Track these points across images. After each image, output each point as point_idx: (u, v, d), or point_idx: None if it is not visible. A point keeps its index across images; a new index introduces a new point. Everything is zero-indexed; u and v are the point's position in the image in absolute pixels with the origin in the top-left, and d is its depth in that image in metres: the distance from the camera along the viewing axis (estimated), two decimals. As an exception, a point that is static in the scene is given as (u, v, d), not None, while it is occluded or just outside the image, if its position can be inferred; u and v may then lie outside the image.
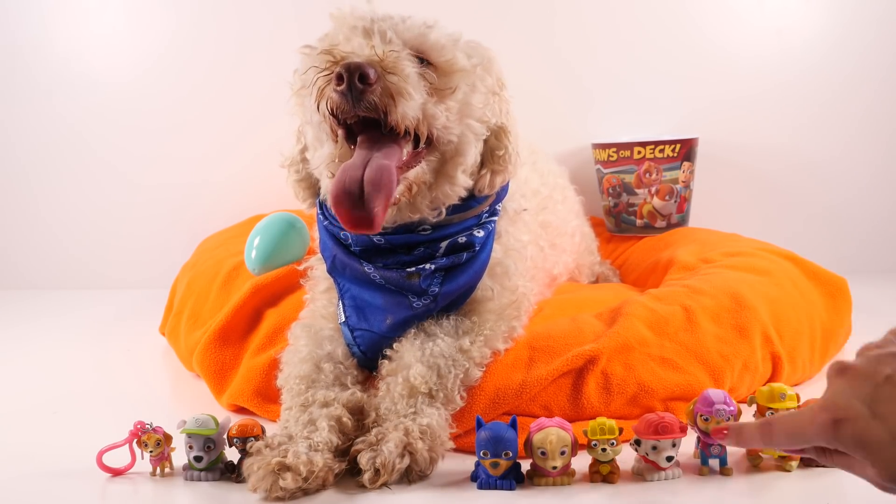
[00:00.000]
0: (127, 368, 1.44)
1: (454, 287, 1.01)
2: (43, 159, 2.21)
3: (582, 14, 2.12)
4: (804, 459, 0.90)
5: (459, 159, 0.99)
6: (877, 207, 2.20)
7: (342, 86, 0.84)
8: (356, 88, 0.84)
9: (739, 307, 1.14)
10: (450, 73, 0.95)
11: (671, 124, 2.10)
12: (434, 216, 1.00)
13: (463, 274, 1.02)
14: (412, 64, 0.90)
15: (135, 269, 2.23)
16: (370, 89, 0.85)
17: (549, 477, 0.86)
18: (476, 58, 1.00)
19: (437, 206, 1.00)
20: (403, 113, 0.88)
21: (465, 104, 0.97)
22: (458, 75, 0.96)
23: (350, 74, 0.84)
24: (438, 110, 0.93)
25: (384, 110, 0.87)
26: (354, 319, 1.03)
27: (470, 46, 1.01)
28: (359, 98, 0.85)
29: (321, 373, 0.99)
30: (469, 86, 0.98)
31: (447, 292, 1.01)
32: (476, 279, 1.04)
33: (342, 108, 0.87)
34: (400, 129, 0.90)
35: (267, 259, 1.31)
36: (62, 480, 0.91)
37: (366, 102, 0.86)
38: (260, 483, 0.82)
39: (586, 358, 1.02)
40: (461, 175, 1.00)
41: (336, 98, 0.86)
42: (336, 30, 0.95)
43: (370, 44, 0.89)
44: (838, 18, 2.12)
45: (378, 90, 0.85)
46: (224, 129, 2.17)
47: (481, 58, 1.01)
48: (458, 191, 1.01)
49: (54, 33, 2.16)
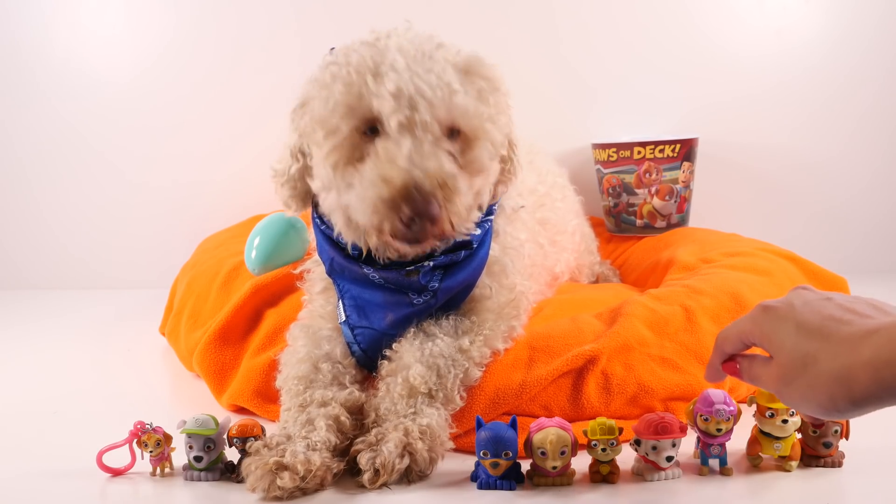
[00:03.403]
0: (127, 368, 1.44)
1: (454, 283, 1.01)
2: (43, 159, 2.21)
3: (582, 14, 2.12)
4: (803, 459, 0.90)
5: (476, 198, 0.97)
6: (877, 207, 2.20)
7: (413, 226, 0.85)
8: (425, 228, 0.86)
9: (739, 307, 1.14)
10: (474, 139, 0.93)
11: (671, 124, 2.10)
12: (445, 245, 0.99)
13: (462, 271, 1.02)
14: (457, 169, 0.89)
15: (135, 269, 2.23)
16: (436, 225, 0.86)
17: (549, 477, 0.86)
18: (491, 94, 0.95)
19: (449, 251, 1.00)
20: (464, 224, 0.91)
21: (489, 170, 0.97)
22: (481, 143, 0.94)
23: (421, 220, 0.84)
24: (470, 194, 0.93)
25: (442, 232, 0.89)
26: (355, 318, 1.03)
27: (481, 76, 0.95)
28: (424, 231, 0.87)
29: (319, 373, 0.99)
30: (490, 152, 0.95)
31: (447, 287, 1.01)
32: (475, 276, 1.04)
33: (403, 235, 0.88)
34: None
35: (267, 259, 1.31)
36: (62, 480, 0.91)
37: (430, 233, 0.88)
38: (258, 483, 0.82)
39: (586, 358, 1.02)
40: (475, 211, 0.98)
41: (400, 228, 0.86)
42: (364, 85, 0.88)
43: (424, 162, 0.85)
44: (838, 18, 2.12)
45: (441, 222, 0.86)
46: (224, 129, 2.17)
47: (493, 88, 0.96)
48: (470, 225, 0.98)
49: (54, 33, 2.16)
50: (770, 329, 0.67)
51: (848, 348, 0.59)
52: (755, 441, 0.90)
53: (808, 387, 0.62)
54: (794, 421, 0.87)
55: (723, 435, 0.87)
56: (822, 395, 0.61)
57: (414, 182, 0.84)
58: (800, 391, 0.63)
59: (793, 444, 0.89)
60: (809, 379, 0.62)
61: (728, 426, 0.87)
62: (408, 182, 0.84)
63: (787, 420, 0.87)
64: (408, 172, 0.84)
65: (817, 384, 0.61)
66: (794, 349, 0.64)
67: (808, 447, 0.90)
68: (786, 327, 0.65)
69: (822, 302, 0.65)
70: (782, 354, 0.65)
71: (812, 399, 0.62)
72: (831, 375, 0.60)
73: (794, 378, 0.64)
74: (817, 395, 0.61)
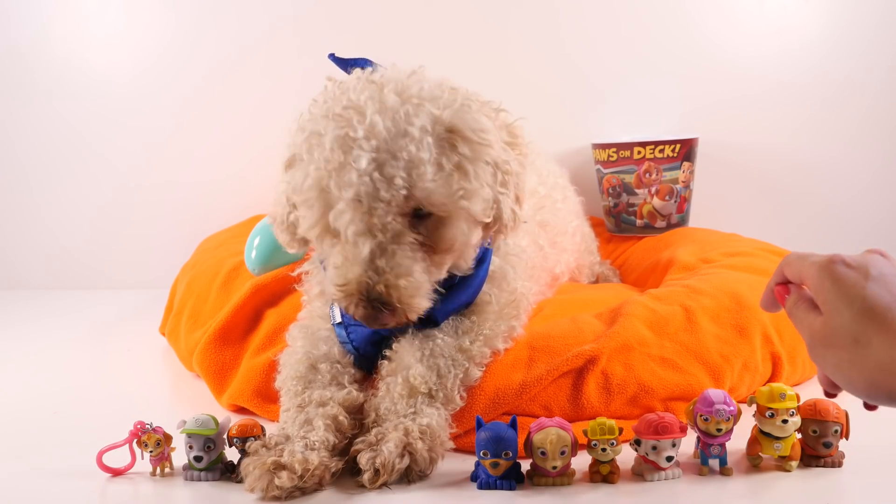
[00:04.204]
0: (127, 368, 1.44)
1: (453, 306, 1.01)
2: (43, 159, 2.21)
3: (582, 14, 2.12)
4: (803, 459, 0.90)
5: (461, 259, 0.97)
6: (877, 207, 2.19)
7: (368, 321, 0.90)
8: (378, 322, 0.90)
9: (739, 307, 1.14)
10: (445, 216, 0.90)
11: (671, 124, 2.10)
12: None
13: (463, 292, 1.02)
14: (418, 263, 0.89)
15: (135, 269, 2.23)
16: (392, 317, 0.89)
17: (549, 477, 0.86)
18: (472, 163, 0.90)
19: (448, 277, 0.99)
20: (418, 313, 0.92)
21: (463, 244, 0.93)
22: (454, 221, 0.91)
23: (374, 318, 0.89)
24: (440, 272, 0.94)
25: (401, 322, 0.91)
26: (349, 317, 1.03)
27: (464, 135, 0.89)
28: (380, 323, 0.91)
29: (318, 373, 0.99)
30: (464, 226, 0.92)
31: (445, 311, 1.00)
32: (475, 294, 1.04)
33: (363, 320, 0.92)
34: None
35: (267, 259, 1.31)
36: (62, 480, 0.91)
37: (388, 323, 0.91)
38: (256, 483, 0.83)
39: (586, 358, 1.02)
40: (471, 252, 0.97)
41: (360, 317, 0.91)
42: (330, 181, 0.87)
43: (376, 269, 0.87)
44: (838, 18, 2.12)
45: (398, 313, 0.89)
46: (224, 128, 2.16)
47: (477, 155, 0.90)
48: (469, 262, 0.98)
49: (54, 33, 2.16)
50: (832, 288, 0.64)
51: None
52: (755, 441, 0.90)
53: (850, 362, 0.61)
54: (794, 421, 0.88)
55: (723, 435, 0.87)
56: (862, 377, 0.60)
57: (366, 286, 0.87)
58: (837, 361, 0.62)
59: (793, 444, 0.89)
60: (854, 356, 0.61)
61: (728, 426, 0.87)
62: (360, 287, 0.87)
63: (787, 420, 0.87)
64: (360, 277, 0.87)
65: (861, 365, 0.60)
66: (852, 323, 0.61)
67: (808, 447, 0.90)
68: (850, 296, 0.62)
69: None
70: (836, 320, 0.63)
71: (848, 375, 0.61)
72: (879, 363, 0.59)
73: (837, 347, 0.62)
74: (855, 375, 0.60)
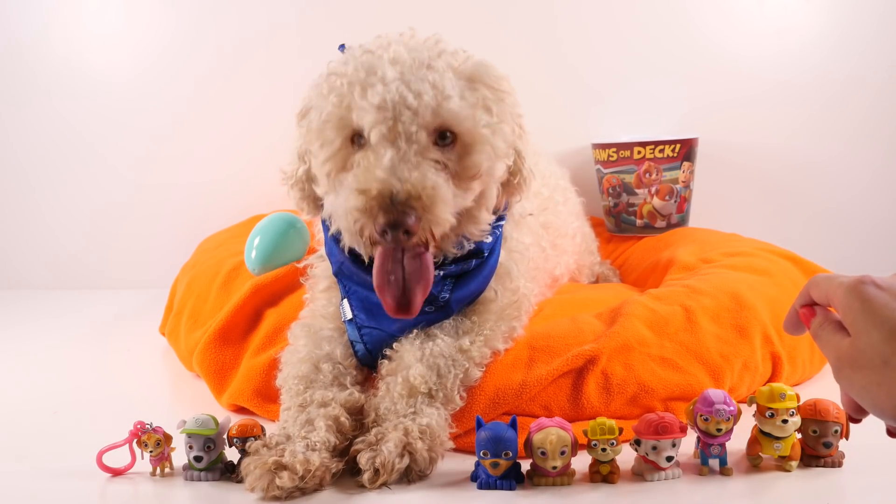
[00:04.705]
0: (127, 368, 1.44)
1: (465, 293, 1.02)
2: (43, 159, 2.21)
3: (582, 14, 2.12)
4: (803, 459, 0.90)
5: (483, 204, 0.98)
6: (877, 207, 2.19)
7: (387, 235, 0.85)
8: (400, 239, 0.85)
9: (739, 307, 1.14)
10: (471, 143, 0.92)
11: (671, 124, 2.10)
12: (456, 251, 0.99)
13: (473, 280, 1.02)
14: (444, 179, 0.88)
15: (135, 269, 2.23)
16: (413, 235, 0.86)
17: (549, 477, 0.86)
18: (494, 104, 0.94)
19: (461, 241, 0.99)
20: (441, 234, 0.90)
21: (488, 175, 0.95)
22: (480, 147, 0.92)
23: (395, 231, 0.84)
24: (466, 198, 0.93)
25: (424, 242, 0.89)
26: (363, 318, 1.03)
27: (484, 84, 0.94)
28: (401, 242, 0.86)
29: (320, 373, 0.99)
30: (490, 156, 0.94)
31: (459, 299, 1.01)
32: (485, 284, 1.04)
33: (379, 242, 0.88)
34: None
35: (267, 259, 1.31)
36: (62, 480, 0.91)
37: (408, 245, 0.88)
38: (257, 482, 0.83)
39: (586, 358, 1.02)
40: (484, 214, 0.98)
41: (377, 237, 0.87)
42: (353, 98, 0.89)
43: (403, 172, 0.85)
44: (838, 18, 2.12)
45: (420, 231, 0.86)
46: (224, 128, 2.17)
47: (498, 98, 0.95)
48: (483, 227, 0.99)
49: (54, 33, 2.16)
50: (860, 309, 0.63)
51: None
52: (755, 441, 0.90)
53: (878, 384, 0.60)
54: (794, 421, 0.88)
55: (723, 435, 0.87)
56: (891, 399, 0.59)
57: (390, 192, 0.84)
58: (865, 383, 0.61)
59: (793, 444, 0.89)
60: (882, 378, 0.60)
61: (728, 426, 0.87)
62: (383, 192, 0.84)
63: (787, 420, 0.87)
64: (384, 182, 0.85)
65: (890, 387, 0.59)
66: (880, 344, 0.61)
67: (808, 447, 0.90)
68: (880, 318, 0.61)
69: None
70: (864, 341, 0.62)
71: (876, 397, 0.61)
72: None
73: (865, 368, 0.61)
74: (884, 397, 0.60)
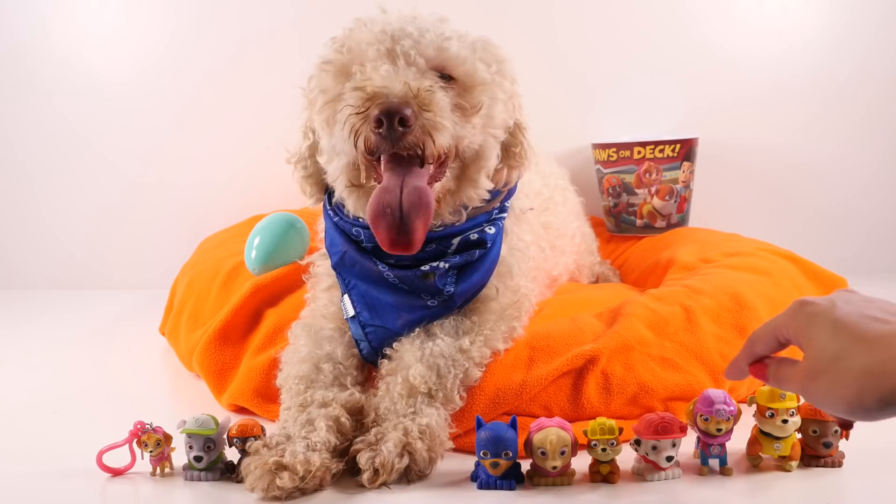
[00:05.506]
0: (127, 368, 1.44)
1: (469, 286, 1.02)
2: (43, 159, 2.21)
3: (582, 14, 2.12)
4: (803, 459, 0.90)
5: (482, 163, 0.99)
6: (877, 207, 2.20)
7: (381, 128, 0.84)
8: (396, 132, 0.85)
9: (739, 307, 1.14)
10: (471, 86, 0.95)
11: (671, 124, 2.10)
12: (454, 219, 1.01)
13: (476, 272, 1.02)
14: (442, 92, 0.90)
15: (135, 269, 2.24)
16: (409, 130, 0.85)
17: (549, 477, 0.86)
18: (493, 63, 0.99)
19: (459, 209, 1.01)
20: (440, 145, 0.89)
21: (488, 117, 0.98)
22: (480, 89, 0.96)
23: (390, 119, 0.84)
24: (466, 131, 0.94)
25: (422, 146, 0.88)
26: (367, 316, 1.03)
27: (485, 49, 0.99)
28: (398, 139, 0.86)
29: (320, 373, 0.99)
30: (490, 97, 0.97)
31: (463, 291, 1.01)
32: (487, 277, 1.04)
33: (379, 147, 0.88)
34: (434, 160, 0.91)
35: (267, 259, 1.31)
36: (62, 480, 0.91)
37: (405, 143, 0.87)
38: (257, 482, 0.82)
39: (586, 358, 1.02)
40: (483, 178, 1.00)
41: (373, 138, 0.86)
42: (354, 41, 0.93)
43: (400, 78, 0.87)
44: (838, 18, 2.12)
45: (416, 129, 0.86)
46: (224, 128, 2.17)
47: (497, 61, 1.00)
48: (482, 193, 1.01)
49: (54, 33, 2.16)
50: (806, 322, 0.66)
51: (883, 345, 0.59)
52: (755, 441, 0.90)
53: (836, 381, 0.61)
54: (794, 421, 0.88)
55: (723, 435, 0.87)
56: (851, 390, 0.60)
57: (386, 89, 0.84)
58: (826, 385, 0.62)
59: (793, 444, 0.89)
60: (838, 373, 0.61)
61: (728, 426, 0.87)
62: (379, 90, 0.84)
63: (787, 420, 0.87)
64: (382, 80, 0.85)
65: (847, 379, 0.60)
66: (828, 343, 0.63)
67: (808, 447, 0.90)
68: (822, 321, 0.64)
69: (864, 303, 0.65)
70: (814, 347, 0.64)
71: (838, 394, 0.61)
72: (863, 370, 0.59)
73: (822, 371, 0.62)
74: (845, 390, 0.60)
